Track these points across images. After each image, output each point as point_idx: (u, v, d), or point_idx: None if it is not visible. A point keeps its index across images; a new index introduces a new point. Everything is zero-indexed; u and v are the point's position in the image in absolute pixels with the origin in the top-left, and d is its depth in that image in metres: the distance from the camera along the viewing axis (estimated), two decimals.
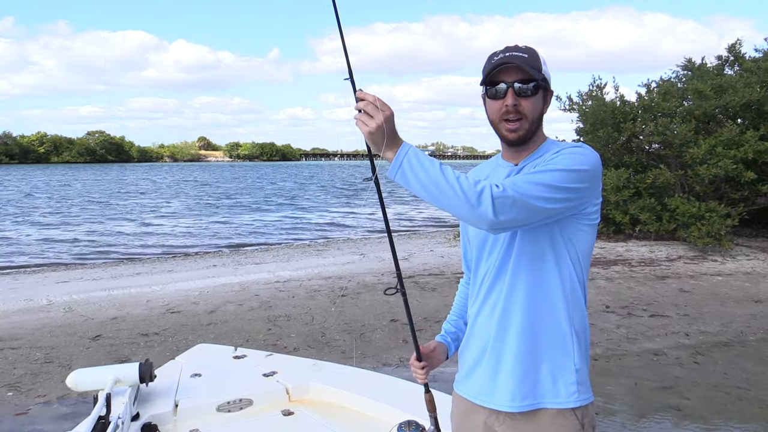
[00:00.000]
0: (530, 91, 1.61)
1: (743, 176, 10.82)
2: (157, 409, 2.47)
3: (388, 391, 2.63)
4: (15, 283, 9.62)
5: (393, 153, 1.48)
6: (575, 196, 1.54)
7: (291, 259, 11.44)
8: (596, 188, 1.62)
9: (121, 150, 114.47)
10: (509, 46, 1.67)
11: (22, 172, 69.07)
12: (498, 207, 1.42)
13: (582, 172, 1.54)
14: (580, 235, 1.63)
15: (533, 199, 1.46)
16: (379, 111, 1.46)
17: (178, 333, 6.36)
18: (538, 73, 1.61)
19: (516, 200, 1.44)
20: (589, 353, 1.70)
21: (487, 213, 1.42)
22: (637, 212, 11.68)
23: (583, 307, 1.67)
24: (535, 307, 1.62)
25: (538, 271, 1.61)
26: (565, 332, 1.61)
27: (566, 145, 1.63)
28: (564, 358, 1.61)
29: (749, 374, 5.20)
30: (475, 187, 1.43)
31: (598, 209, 1.65)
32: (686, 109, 12.40)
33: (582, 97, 13.86)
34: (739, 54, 13.70)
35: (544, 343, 1.61)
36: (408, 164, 1.46)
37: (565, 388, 1.60)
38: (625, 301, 7.70)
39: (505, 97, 1.62)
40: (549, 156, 1.59)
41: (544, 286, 1.62)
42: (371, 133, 1.47)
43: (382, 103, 1.47)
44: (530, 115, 1.63)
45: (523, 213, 1.46)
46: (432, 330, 6.05)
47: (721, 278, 9.08)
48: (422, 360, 1.82)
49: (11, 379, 5.16)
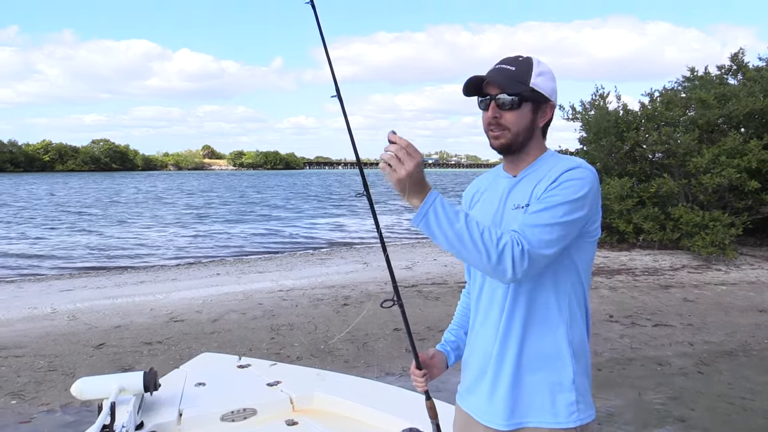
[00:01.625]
0: (512, 104, 1.64)
1: (747, 185, 10.81)
2: (161, 418, 2.48)
3: (392, 400, 2.63)
4: (19, 291, 9.65)
5: (419, 200, 1.46)
6: (581, 223, 1.58)
7: (294, 268, 11.45)
8: (597, 206, 1.63)
9: (125, 158, 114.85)
10: (505, 57, 1.70)
11: (31, 180, 69.29)
12: (517, 266, 1.46)
13: (582, 197, 1.55)
14: (581, 251, 1.64)
15: (546, 248, 1.50)
16: (411, 158, 1.45)
17: (182, 342, 6.37)
18: (521, 86, 1.63)
19: (533, 257, 1.48)
20: (590, 370, 1.69)
21: (506, 272, 1.46)
22: (641, 221, 11.68)
23: (582, 325, 1.67)
24: (533, 325, 1.62)
25: (537, 289, 1.61)
26: (564, 351, 1.61)
27: (564, 166, 1.60)
28: (563, 377, 1.61)
29: (754, 384, 5.17)
30: (497, 246, 1.45)
31: (599, 225, 1.67)
32: (689, 118, 12.42)
33: (585, 106, 13.89)
34: (743, 63, 13.73)
35: (543, 363, 1.62)
36: (434, 214, 1.46)
37: (565, 408, 1.60)
38: (629, 310, 7.68)
39: (488, 110, 1.67)
40: (547, 183, 1.58)
41: (543, 303, 1.62)
42: (400, 180, 1.44)
43: (413, 149, 1.46)
44: (513, 127, 1.65)
45: (539, 265, 1.51)
46: (435, 339, 6.03)
47: (725, 288, 9.05)
48: (422, 368, 1.83)
49: (15, 387, 5.17)
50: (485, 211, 1.73)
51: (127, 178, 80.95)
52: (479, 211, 1.77)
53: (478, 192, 1.85)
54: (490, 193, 1.78)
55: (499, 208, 1.69)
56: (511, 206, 1.66)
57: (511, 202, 1.66)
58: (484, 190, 1.83)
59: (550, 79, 1.68)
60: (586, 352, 1.67)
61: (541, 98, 1.67)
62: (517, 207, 1.63)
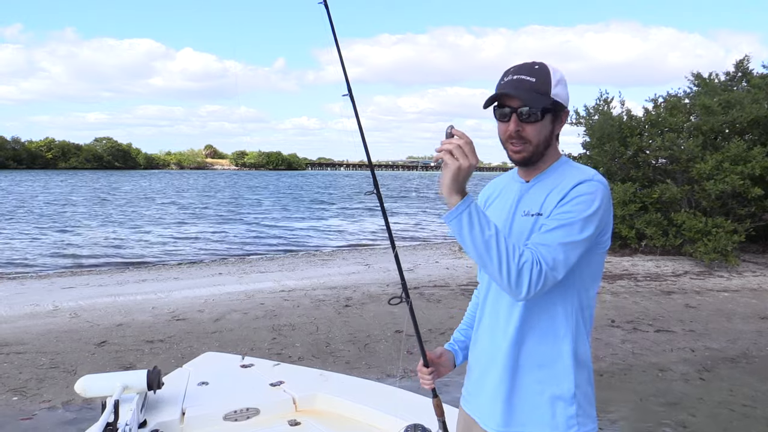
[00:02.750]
0: (535, 117, 1.60)
1: (750, 192, 10.80)
2: (165, 416, 2.48)
3: (394, 402, 2.63)
4: (22, 288, 9.66)
5: (458, 199, 1.47)
6: (593, 237, 1.57)
7: (296, 269, 11.46)
8: (608, 218, 1.62)
9: (128, 157, 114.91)
10: (521, 65, 1.65)
11: (42, 176, 69.41)
12: (533, 287, 1.47)
13: (594, 213, 1.54)
14: (590, 262, 1.63)
15: (561, 268, 1.50)
16: (473, 155, 1.47)
17: (183, 340, 6.37)
18: (545, 98, 1.59)
19: (547, 278, 1.48)
20: (593, 381, 1.68)
21: (521, 291, 1.47)
22: (644, 227, 11.67)
23: (585, 337, 1.66)
24: (537, 333, 1.62)
25: (544, 297, 1.59)
26: (567, 362, 1.61)
27: (576, 179, 1.58)
28: (564, 388, 1.61)
29: (755, 391, 5.17)
30: (518, 265, 1.45)
31: (609, 236, 1.66)
32: (693, 124, 12.41)
33: (589, 111, 13.89)
34: (747, 70, 13.72)
35: (544, 372, 1.62)
36: (468, 217, 1.47)
37: (565, 421, 1.60)
38: (631, 315, 7.67)
39: (509, 122, 1.62)
40: (559, 195, 1.58)
41: (549, 312, 1.62)
42: (459, 169, 1.46)
43: (473, 149, 1.48)
44: (534, 140, 1.62)
45: (549, 286, 1.51)
46: (436, 341, 6.03)
47: (727, 294, 9.03)
48: (429, 366, 1.84)
49: (17, 383, 5.18)
50: (497, 215, 1.72)
51: (134, 176, 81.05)
52: (491, 214, 1.76)
53: (492, 195, 1.85)
54: (503, 197, 1.78)
55: (509, 213, 1.69)
56: (522, 212, 1.65)
57: (522, 209, 1.66)
58: (497, 194, 1.82)
59: (565, 86, 1.66)
60: (589, 364, 1.67)
61: (560, 107, 1.66)
62: (527, 214, 1.63)
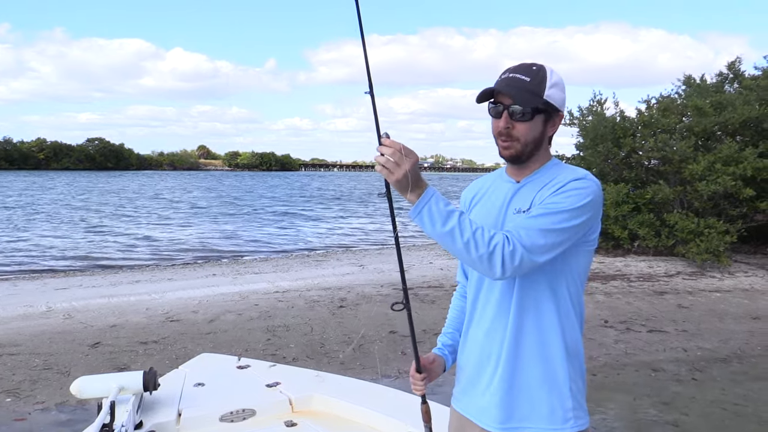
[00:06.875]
0: (525, 116, 1.63)
1: (742, 193, 10.87)
2: (161, 417, 2.48)
3: (390, 403, 2.64)
4: (14, 289, 9.62)
5: (416, 196, 1.51)
6: (580, 231, 1.59)
7: (290, 270, 11.45)
8: (598, 216, 1.64)
9: (120, 157, 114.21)
10: (520, 65, 1.68)
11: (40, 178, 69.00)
12: (507, 264, 1.49)
13: (583, 207, 1.57)
14: (579, 258, 1.65)
15: (538, 252, 1.52)
16: (407, 158, 1.49)
17: (178, 342, 6.36)
18: (536, 99, 1.62)
19: (523, 259, 1.50)
20: (585, 375, 1.71)
21: (495, 271, 1.50)
22: (636, 227, 11.73)
23: (577, 330, 1.68)
24: (529, 328, 1.64)
25: (534, 292, 1.63)
26: (560, 356, 1.63)
27: (569, 176, 1.62)
28: (559, 382, 1.63)
29: (747, 390, 5.21)
30: (488, 246, 1.48)
31: (597, 236, 1.68)
32: (686, 125, 12.48)
33: (582, 112, 13.94)
34: (739, 72, 13.81)
35: (539, 367, 1.63)
36: (428, 211, 1.50)
37: (562, 415, 1.62)
38: (624, 316, 7.71)
39: (500, 119, 1.66)
40: (551, 190, 1.60)
41: (539, 307, 1.63)
42: (398, 181, 1.49)
43: (407, 150, 1.50)
44: (523, 138, 1.65)
45: (528, 267, 1.53)
46: (431, 342, 6.04)
47: (719, 295, 9.09)
48: (422, 372, 1.84)
49: (10, 384, 5.16)
50: (486, 213, 1.75)
51: (127, 176, 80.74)
52: (479, 212, 1.79)
53: (479, 194, 1.86)
54: (492, 196, 1.79)
55: (501, 211, 1.71)
56: (513, 210, 1.67)
57: (513, 207, 1.68)
58: (484, 192, 1.84)
59: (562, 90, 1.68)
60: (581, 357, 1.69)
61: (553, 109, 1.68)
62: (519, 211, 1.65)
